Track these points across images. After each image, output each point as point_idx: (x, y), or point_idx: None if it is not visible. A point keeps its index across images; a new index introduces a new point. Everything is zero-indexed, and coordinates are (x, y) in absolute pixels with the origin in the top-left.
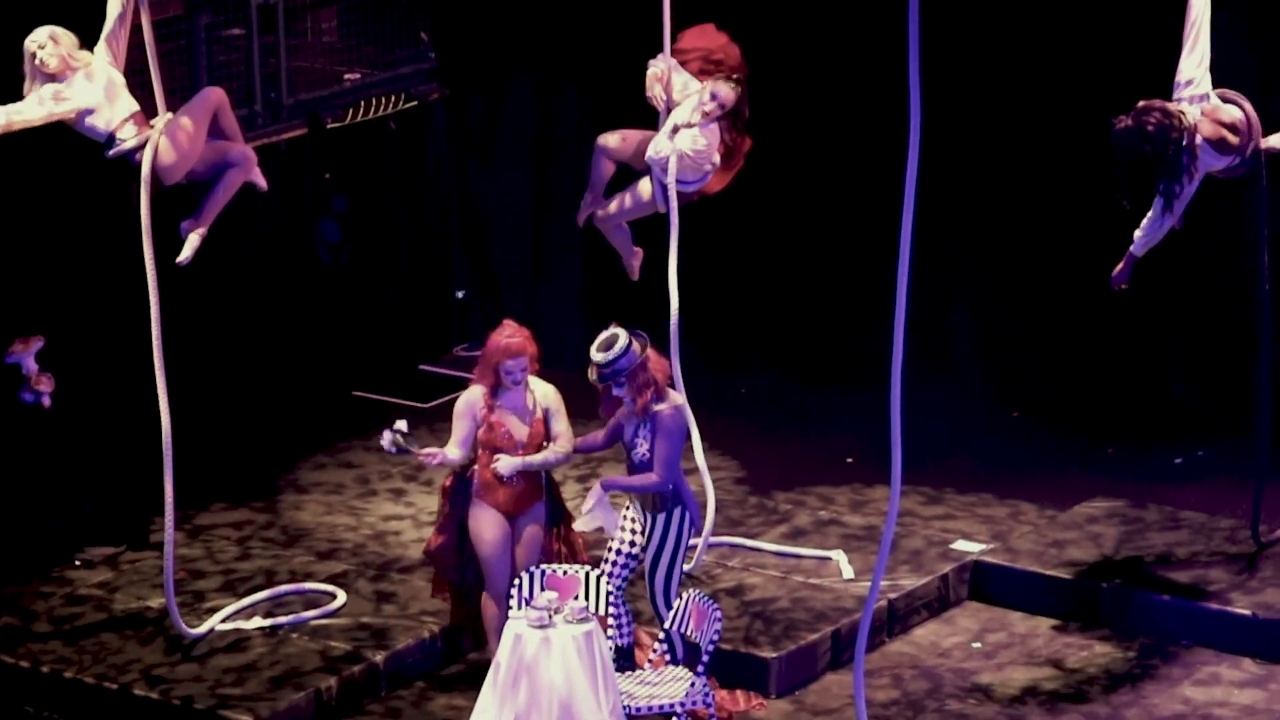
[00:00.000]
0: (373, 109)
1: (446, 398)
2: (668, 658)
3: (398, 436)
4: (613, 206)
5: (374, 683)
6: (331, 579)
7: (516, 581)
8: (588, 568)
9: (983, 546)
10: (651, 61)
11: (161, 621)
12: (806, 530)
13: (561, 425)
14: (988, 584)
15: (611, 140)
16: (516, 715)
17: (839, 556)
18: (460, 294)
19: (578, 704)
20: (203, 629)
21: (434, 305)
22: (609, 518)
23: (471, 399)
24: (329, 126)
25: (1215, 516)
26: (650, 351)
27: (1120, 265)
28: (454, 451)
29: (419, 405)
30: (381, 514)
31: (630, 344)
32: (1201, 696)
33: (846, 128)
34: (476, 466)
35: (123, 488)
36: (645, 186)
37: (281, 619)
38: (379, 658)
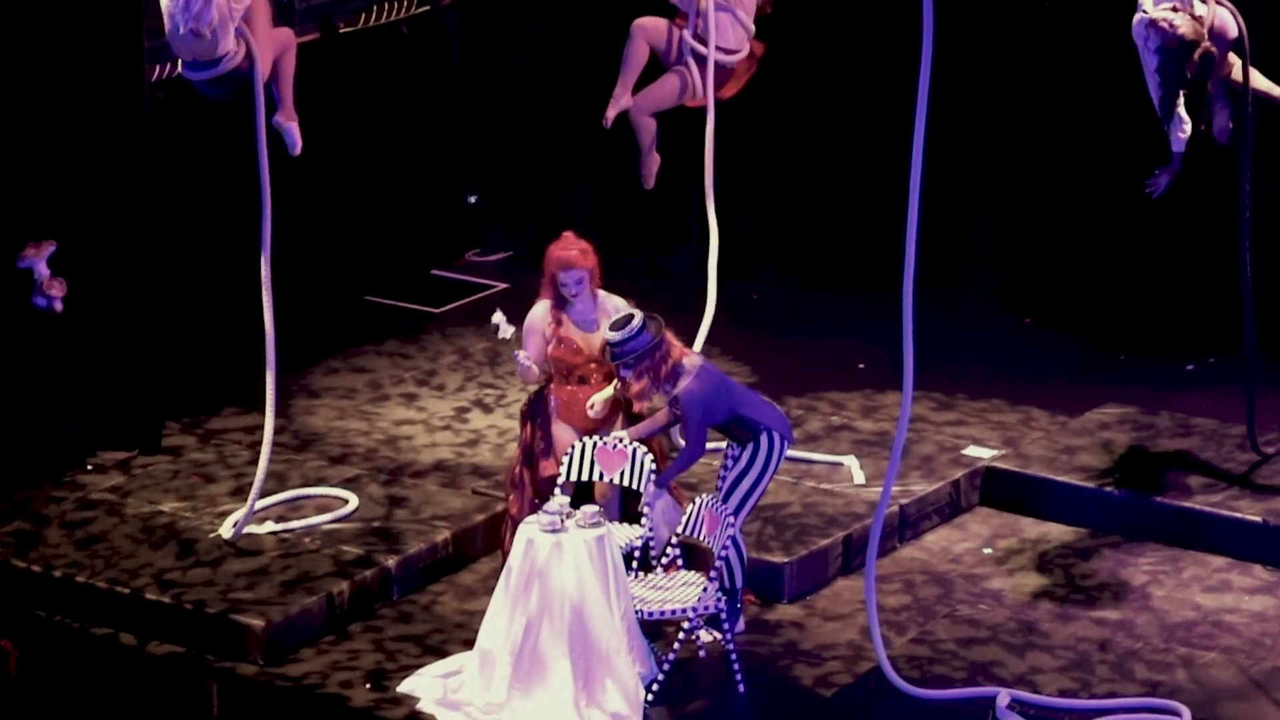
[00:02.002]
0: (385, 14)
1: (458, 303)
2: (680, 563)
3: (506, 327)
4: (645, 95)
5: (386, 587)
6: (343, 484)
7: (568, 450)
8: (636, 444)
9: (994, 452)
10: None
11: (174, 525)
12: (818, 435)
13: None
14: (999, 490)
15: (650, 20)
16: (528, 619)
17: (851, 462)
18: (472, 199)
19: (589, 608)
20: (228, 533)
21: (446, 210)
22: (673, 515)
23: (537, 315)
24: (341, 31)
25: (1226, 423)
26: (666, 334)
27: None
28: (535, 368)
29: (431, 310)
30: (393, 419)
31: (643, 327)
32: (1212, 603)
33: (860, 33)
34: (553, 385)
35: (134, 392)
36: (678, 72)
37: (293, 523)
38: (391, 562)
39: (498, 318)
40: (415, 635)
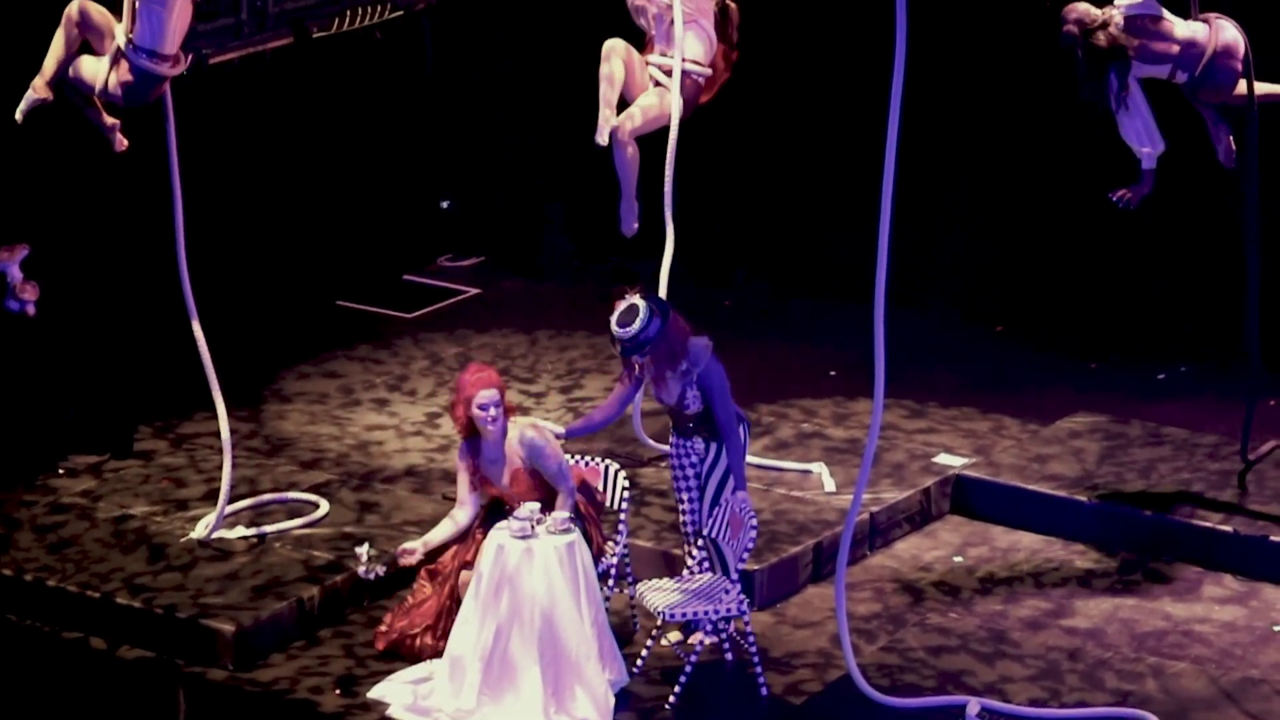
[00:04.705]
0: (359, 19)
1: (429, 308)
2: (705, 565)
3: (371, 565)
4: (629, 117)
5: (356, 593)
6: (314, 488)
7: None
8: (609, 460)
9: (965, 460)
10: None
11: (145, 530)
12: (789, 443)
13: (551, 464)
14: (969, 498)
15: (622, 42)
16: (499, 625)
17: (821, 469)
18: (445, 204)
19: (559, 614)
20: (199, 534)
21: (419, 215)
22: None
23: (458, 457)
24: (315, 36)
25: (1197, 432)
26: (671, 314)
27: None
28: (459, 514)
29: (402, 315)
30: (365, 424)
31: (651, 315)
32: (1182, 612)
33: (833, 41)
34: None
35: (107, 396)
36: (658, 90)
37: (264, 528)
38: (361, 568)
39: (361, 551)
40: None
